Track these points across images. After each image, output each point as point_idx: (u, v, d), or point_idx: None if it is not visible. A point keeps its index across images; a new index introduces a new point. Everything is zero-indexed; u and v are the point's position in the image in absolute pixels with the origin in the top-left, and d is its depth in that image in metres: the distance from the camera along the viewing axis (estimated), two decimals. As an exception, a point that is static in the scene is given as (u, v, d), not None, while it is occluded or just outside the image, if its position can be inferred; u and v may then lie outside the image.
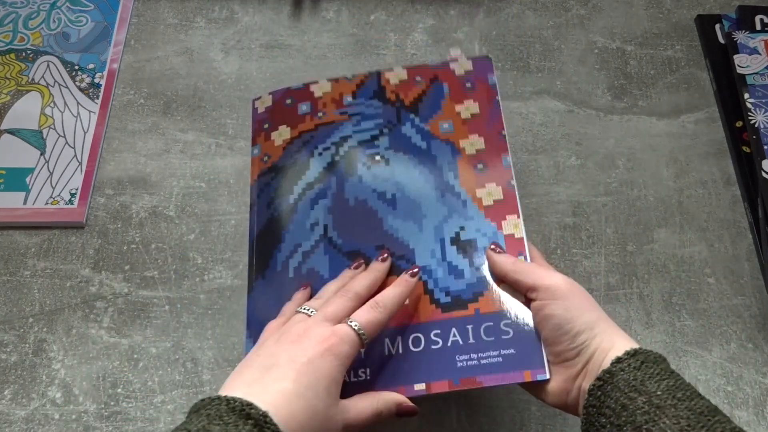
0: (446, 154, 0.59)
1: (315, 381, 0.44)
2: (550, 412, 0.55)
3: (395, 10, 0.76)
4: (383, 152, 0.60)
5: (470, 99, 0.61)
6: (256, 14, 0.75)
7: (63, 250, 0.62)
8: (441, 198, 0.57)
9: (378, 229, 0.57)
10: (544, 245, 0.62)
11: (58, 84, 0.70)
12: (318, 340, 0.46)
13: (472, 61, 0.63)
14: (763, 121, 0.65)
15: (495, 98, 0.61)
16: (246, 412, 0.41)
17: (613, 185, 0.66)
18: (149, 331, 0.59)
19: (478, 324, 0.52)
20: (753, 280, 0.61)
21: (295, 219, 0.59)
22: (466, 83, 0.62)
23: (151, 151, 0.67)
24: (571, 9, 0.76)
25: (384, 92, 0.63)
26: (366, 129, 0.62)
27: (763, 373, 0.57)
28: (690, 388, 0.42)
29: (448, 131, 0.60)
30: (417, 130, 0.61)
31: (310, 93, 0.64)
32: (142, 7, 0.76)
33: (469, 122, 0.60)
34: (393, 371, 0.51)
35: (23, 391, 0.56)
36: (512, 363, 0.50)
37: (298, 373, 0.44)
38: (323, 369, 0.45)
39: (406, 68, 0.64)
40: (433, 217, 0.57)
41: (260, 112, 0.65)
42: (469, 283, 0.54)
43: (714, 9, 0.76)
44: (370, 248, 0.56)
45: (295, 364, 0.45)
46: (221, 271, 0.61)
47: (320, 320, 0.48)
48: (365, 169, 0.60)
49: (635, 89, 0.71)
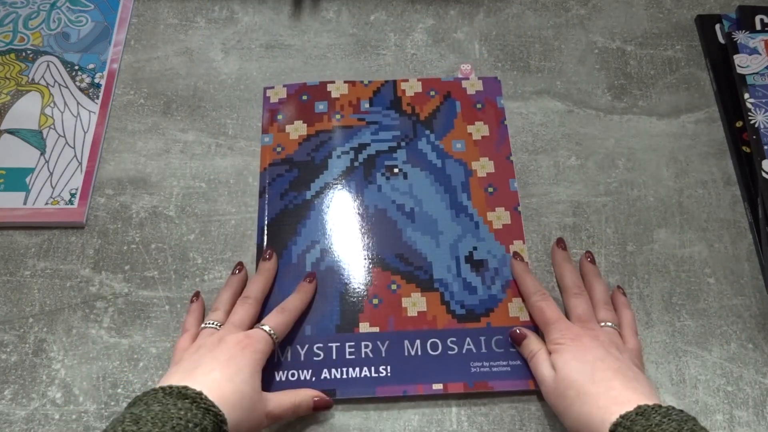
0: (459, 174, 0.65)
1: (239, 369, 0.49)
2: (550, 412, 0.55)
3: (395, 10, 0.76)
4: (401, 165, 0.65)
5: (480, 121, 0.67)
6: (256, 14, 0.75)
7: (63, 250, 0.62)
8: (456, 218, 0.63)
9: (398, 239, 0.62)
10: (545, 245, 0.62)
11: (58, 84, 0.70)
12: (234, 342, 0.51)
13: (482, 81, 0.69)
14: (763, 121, 0.65)
15: (503, 121, 0.67)
16: (182, 393, 0.44)
17: (613, 185, 0.66)
18: (149, 331, 0.59)
19: (489, 336, 0.58)
20: (753, 280, 0.61)
21: (312, 215, 0.63)
22: (477, 104, 0.68)
23: (151, 151, 0.67)
24: (571, 9, 0.76)
25: (400, 103, 0.68)
26: (384, 139, 0.66)
27: (763, 373, 0.57)
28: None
29: (460, 150, 0.66)
30: (432, 147, 0.66)
31: (327, 92, 0.69)
32: (142, 7, 0.76)
33: (480, 143, 0.66)
34: (412, 370, 0.56)
35: (23, 391, 0.56)
36: (519, 372, 0.56)
37: (222, 365, 0.49)
38: (244, 361, 0.50)
39: (420, 80, 0.69)
40: (449, 235, 0.62)
41: (273, 102, 0.68)
42: (481, 299, 0.59)
43: (714, 9, 0.76)
44: (391, 257, 0.61)
45: (218, 361, 0.49)
46: (221, 271, 0.61)
47: (231, 329, 0.53)
48: (384, 180, 0.65)
49: (635, 89, 0.71)
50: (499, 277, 0.60)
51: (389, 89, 0.69)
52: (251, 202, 0.65)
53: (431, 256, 0.61)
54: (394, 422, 0.55)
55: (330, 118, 0.67)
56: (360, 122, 0.67)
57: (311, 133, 0.66)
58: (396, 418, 0.55)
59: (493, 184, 0.64)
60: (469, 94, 0.68)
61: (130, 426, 0.41)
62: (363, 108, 0.68)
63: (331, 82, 0.69)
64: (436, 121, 0.67)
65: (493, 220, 0.62)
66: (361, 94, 0.68)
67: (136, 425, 0.41)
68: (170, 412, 0.42)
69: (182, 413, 0.42)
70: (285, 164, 0.65)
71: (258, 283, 0.58)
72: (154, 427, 0.41)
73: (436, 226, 0.62)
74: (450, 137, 0.66)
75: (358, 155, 0.65)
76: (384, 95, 0.68)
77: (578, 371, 0.50)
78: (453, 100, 0.68)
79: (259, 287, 0.58)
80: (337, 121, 0.67)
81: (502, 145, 0.66)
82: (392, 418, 0.55)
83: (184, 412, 0.43)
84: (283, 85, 0.69)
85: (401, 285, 0.60)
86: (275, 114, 0.67)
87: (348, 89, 0.68)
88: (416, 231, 0.62)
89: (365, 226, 0.62)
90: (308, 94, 0.68)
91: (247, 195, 0.65)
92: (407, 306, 0.59)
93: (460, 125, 0.67)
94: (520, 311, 0.58)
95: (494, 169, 0.64)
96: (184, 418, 0.42)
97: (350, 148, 0.66)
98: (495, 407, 0.56)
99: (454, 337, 0.57)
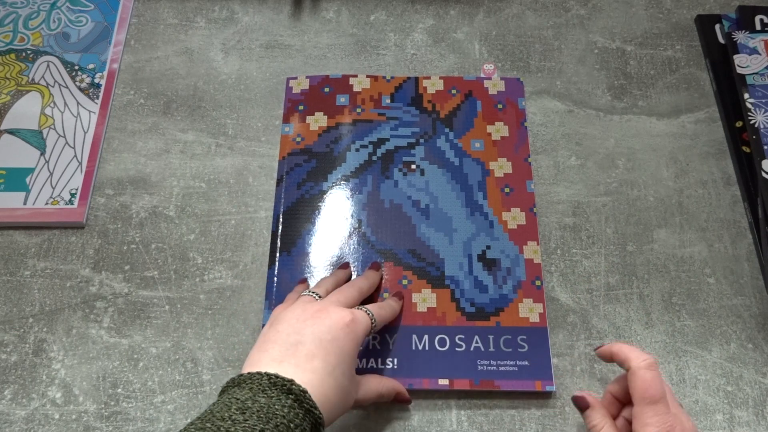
0: (477, 173, 0.65)
1: (341, 359, 0.47)
2: (549, 412, 0.55)
3: (395, 10, 0.76)
4: (419, 161, 0.65)
5: (501, 121, 0.67)
6: (256, 14, 0.75)
7: (63, 250, 0.62)
8: (471, 216, 0.63)
9: (411, 234, 0.62)
10: (544, 245, 0.62)
11: (58, 84, 0.70)
12: (337, 318, 0.49)
13: (505, 82, 0.69)
14: (763, 121, 0.65)
15: (523, 122, 0.67)
16: (288, 387, 0.43)
17: (613, 185, 0.66)
18: (149, 331, 0.59)
19: (498, 335, 0.58)
20: (753, 280, 0.61)
21: (328, 206, 0.63)
22: (498, 104, 0.68)
23: (151, 151, 0.67)
24: (571, 9, 0.76)
25: (421, 100, 0.69)
26: (403, 135, 0.67)
27: (763, 373, 0.57)
28: None
29: (479, 150, 0.66)
30: (451, 145, 0.66)
31: (349, 86, 0.70)
32: (142, 7, 0.76)
33: (499, 144, 0.66)
34: (419, 364, 0.56)
35: (23, 391, 0.56)
36: (526, 373, 0.56)
37: (326, 351, 0.47)
38: (346, 347, 0.48)
39: (442, 78, 0.70)
40: (463, 233, 0.62)
41: (294, 92, 0.69)
42: (492, 298, 0.59)
43: (714, 9, 0.76)
44: (403, 251, 0.62)
45: (321, 341, 0.47)
46: (221, 271, 0.61)
47: (334, 302, 0.51)
48: (401, 175, 0.65)
49: (635, 89, 0.71)
50: (511, 277, 0.60)
51: (411, 85, 0.69)
52: (251, 202, 0.65)
53: (444, 252, 0.61)
54: (394, 422, 0.55)
55: (351, 111, 0.68)
56: (380, 117, 0.67)
57: (331, 125, 0.67)
58: (396, 418, 0.55)
59: (510, 185, 0.64)
60: (490, 94, 0.68)
61: (237, 415, 0.41)
62: (384, 103, 0.68)
63: (354, 75, 0.70)
64: (456, 120, 0.67)
65: (508, 220, 0.62)
66: (382, 89, 0.69)
67: (243, 415, 0.41)
68: (275, 408, 0.42)
69: (285, 411, 0.42)
70: (303, 154, 0.66)
71: (366, 281, 0.57)
72: (259, 422, 0.41)
73: (451, 223, 0.62)
74: (469, 136, 0.66)
75: (376, 149, 0.66)
76: (405, 91, 0.69)
77: None
78: (474, 100, 0.68)
79: (367, 284, 0.57)
80: (357, 115, 0.67)
81: (521, 146, 0.66)
82: (392, 418, 0.55)
83: (287, 410, 0.42)
84: (306, 76, 0.70)
85: (412, 280, 0.60)
86: (296, 104, 0.68)
87: (370, 84, 0.69)
88: (430, 227, 0.62)
89: (380, 220, 0.62)
90: (330, 86, 0.69)
91: (247, 195, 0.65)
92: (417, 301, 0.59)
93: (480, 125, 0.67)
94: (530, 312, 0.58)
95: (512, 170, 0.64)
96: (287, 417, 0.42)
97: (369, 142, 0.66)
98: (495, 407, 0.56)
99: (463, 335, 0.58)
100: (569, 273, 0.61)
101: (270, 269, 0.60)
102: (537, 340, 0.57)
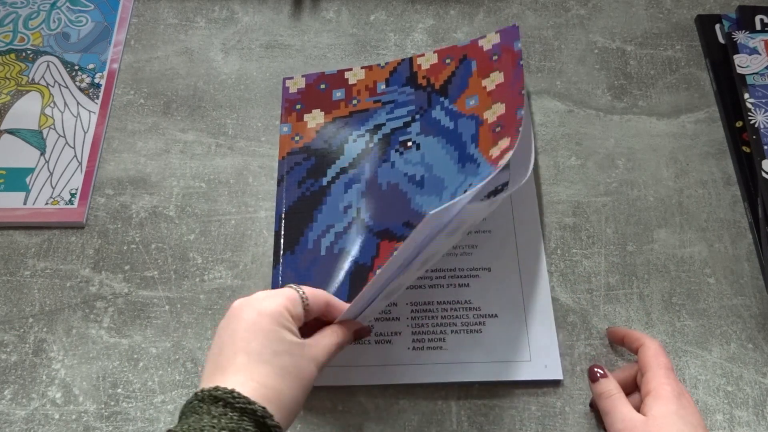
0: (470, 127, 0.61)
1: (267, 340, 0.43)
2: (549, 412, 0.55)
3: (395, 10, 0.76)
4: (414, 137, 0.64)
5: (496, 70, 0.63)
6: (256, 14, 0.75)
7: (63, 250, 0.62)
8: (462, 169, 0.60)
9: (406, 208, 0.60)
10: (544, 245, 0.62)
11: (58, 84, 0.70)
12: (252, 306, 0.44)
13: (500, 34, 0.65)
14: (763, 121, 0.65)
15: (519, 61, 0.62)
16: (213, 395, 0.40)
17: (613, 185, 0.66)
18: (149, 331, 0.59)
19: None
20: (753, 280, 0.61)
21: (328, 201, 0.63)
22: (493, 56, 0.64)
23: (151, 151, 0.67)
24: (571, 9, 0.76)
25: (416, 78, 0.67)
26: (399, 116, 0.65)
27: (763, 373, 0.57)
28: None
29: (473, 106, 0.62)
30: (446, 112, 0.64)
31: (345, 80, 0.69)
32: (142, 7, 0.76)
33: (494, 93, 0.62)
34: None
35: (23, 391, 0.56)
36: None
37: (245, 342, 0.43)
38: (266, 325, 0.43)
39: (436, 51, 0.67)
40: (452, 187, 0.59)
41: (291, 92, 0.69)
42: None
43: (714, 9, 0.76)
44: (398, 226, 0.60)
45: (235, 336, 0.43)
46: (221, 271, 0.61)
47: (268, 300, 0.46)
48: (397, 155, 0.63)
49: (635, 89, 0.71)
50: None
51: (405, 66, 0.68)
52: (251, 202, 0.65)
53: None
54: (394, 422, 0.55)
55: (347, 104, 0.67)
56: (376, 104, 0.67)
57: (329, 121, 0.67)
58: (396, 418, 0.55)
59: (501, 122, 0.59)
60: (485, 50, 0.65)
61: None
62: (379, 90, 0.67)
63: (349, 69, 0.69)
64: (451, 86, 0.65)
65: (494, 153, 0.57)
66: (377, 77, 0.68)
67: None
68: (203, 421, 0.39)
69: (215, 422, 0.39)
70: (303, 153, 0.65)
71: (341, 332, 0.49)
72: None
73: (443, 183, 0.60)
74: (464, 96, 0.63)
75: (373, 136, 0.65)
76: (400, 73, 0.68)
77: (679, 429, 0.48)
78: (469, 61, 0.65)
79: (346, 313, 0.49)
80: (353, 107, 0.67)
81: (516, 82, 0.60)
82: (392, 418, 0.55)
83: (217, 420, 0.39)
84: (302, 75, 0.70)
85: None
86: (294, 104, 0.68)
87: (365, 74, 0.69)
88: (423, 196, 0.60)
89: (377, 203, 0.62)
90: (326, 82, 0.69)
91: (247, 195, 0.65)
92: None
93: (475, 82, 0.63)
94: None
95: (504, 110, 0.59)
96: (217, 427, 0.38)
97: (366, 130, 0.66)
98: (495, 407, 0.56)
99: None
100: (569, 273, 0.61)
101: (275, 269, 0.60)
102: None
